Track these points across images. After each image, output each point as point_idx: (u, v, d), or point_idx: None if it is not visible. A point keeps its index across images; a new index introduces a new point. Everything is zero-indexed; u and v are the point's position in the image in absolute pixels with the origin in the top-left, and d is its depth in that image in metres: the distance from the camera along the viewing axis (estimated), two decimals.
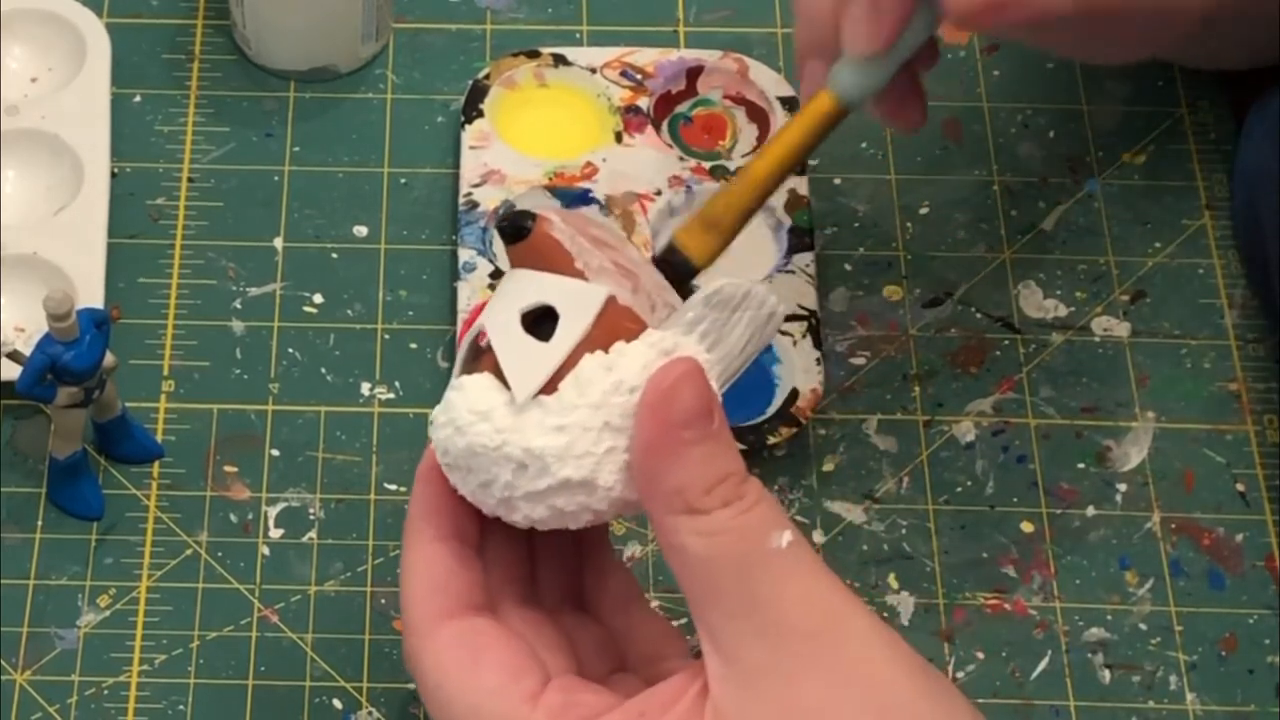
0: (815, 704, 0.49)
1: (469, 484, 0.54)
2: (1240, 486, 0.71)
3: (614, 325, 0.52)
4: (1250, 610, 0.69)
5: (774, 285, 0.73)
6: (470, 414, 0.52)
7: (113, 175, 0.76)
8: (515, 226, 0.54)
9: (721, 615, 0.50)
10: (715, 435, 0.50)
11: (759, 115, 0.78)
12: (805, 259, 0.74)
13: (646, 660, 0.56)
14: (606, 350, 0.52)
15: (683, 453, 0.50)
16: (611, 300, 0.53)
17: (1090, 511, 0.71)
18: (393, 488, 0.71)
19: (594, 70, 0.79)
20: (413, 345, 0.74)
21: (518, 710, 0.51)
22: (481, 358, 0.54)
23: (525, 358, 0.52)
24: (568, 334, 0.52)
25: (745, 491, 0.50)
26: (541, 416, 0.52)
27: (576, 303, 0.52)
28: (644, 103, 0.78)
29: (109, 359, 0.66)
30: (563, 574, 0.57)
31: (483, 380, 0.53)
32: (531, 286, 0.53)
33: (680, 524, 0.50)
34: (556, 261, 0.53)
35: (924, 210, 0.77)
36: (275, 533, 0.70)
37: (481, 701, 0.52)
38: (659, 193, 0.76)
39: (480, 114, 0.77)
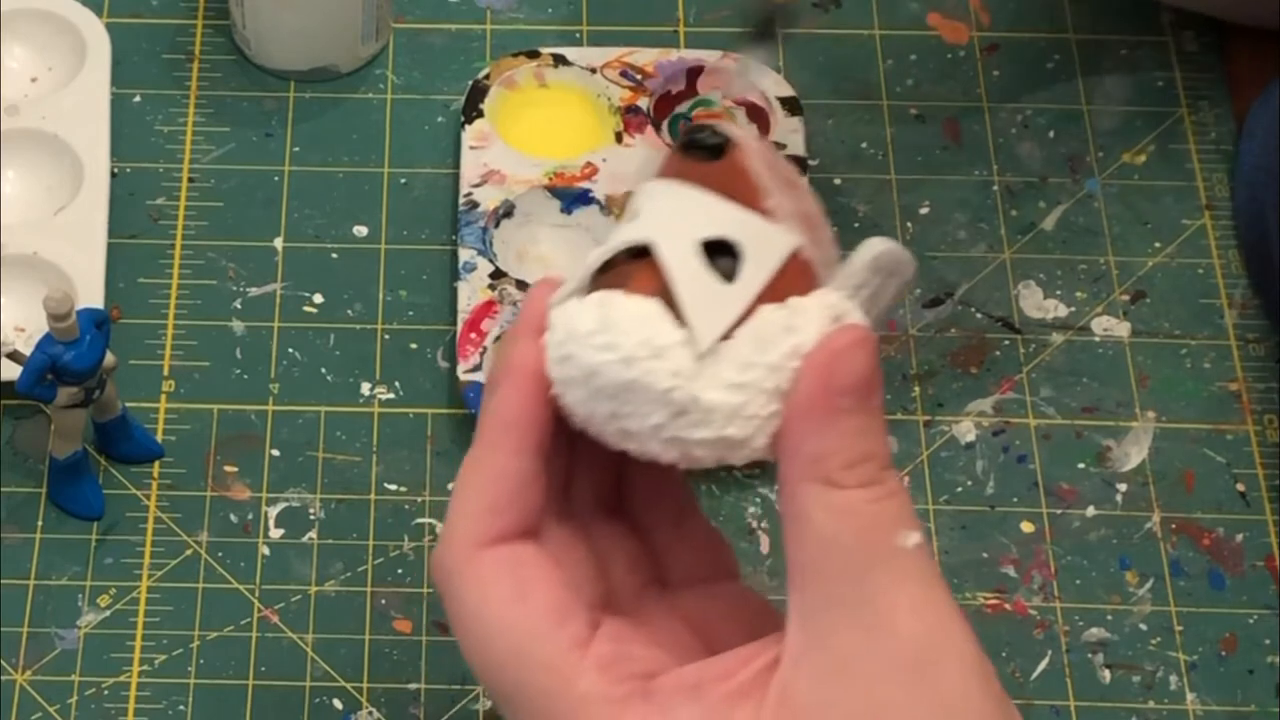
0: (895, 716, 0.46)
1: (595, 408, 0.49)
2: (1240, 486, 0.71)
3: (792, 277, 0.49)
4: (1250, 610, 0.69)
5: None
6: (643, 346, 0.48)
7: (113, 175, 0.76)
8: (715, 145, 0.50)
9: (824, 598, 0.47)
10: (871, 412, 0.48)
11: (759, 115, 0.78)
12: None
13: (691, 578, 0.53)
14: (782, 302, 0.48)
15: (836, 420, 0.47)
16: (796, 250, 0.49)
17: (1090, 511, 0.71)
18: (393, 488, 0.71)
19: (594, 70, 0.79)
20: (413, 345, 0.74)
21: (566, 659, 0.48)
22: (634, 274, 0.49)
23: (709, 299, 0.48)
24: (753, 279, 0.48)
25: (885, 479, 0.48)
26: (720, 369, 0.48)
27: (764, 246, 0.48)
28: (644, 103, 0.78)
29: (109, 359, 0.66)
30: (599, 480, 0.54)
31: (650, 307, 0.48)
32: (715, 214, 0.49)
33: (812, 493, 0.47)
34: (744, 192, 0.49)
35: (924, 210, 0.77)
36: (275, 533, 0.70)
37: (527, 646, 0.49)
38: None
39: (480, 114, 0.77)
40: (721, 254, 0.48)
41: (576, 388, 0.49)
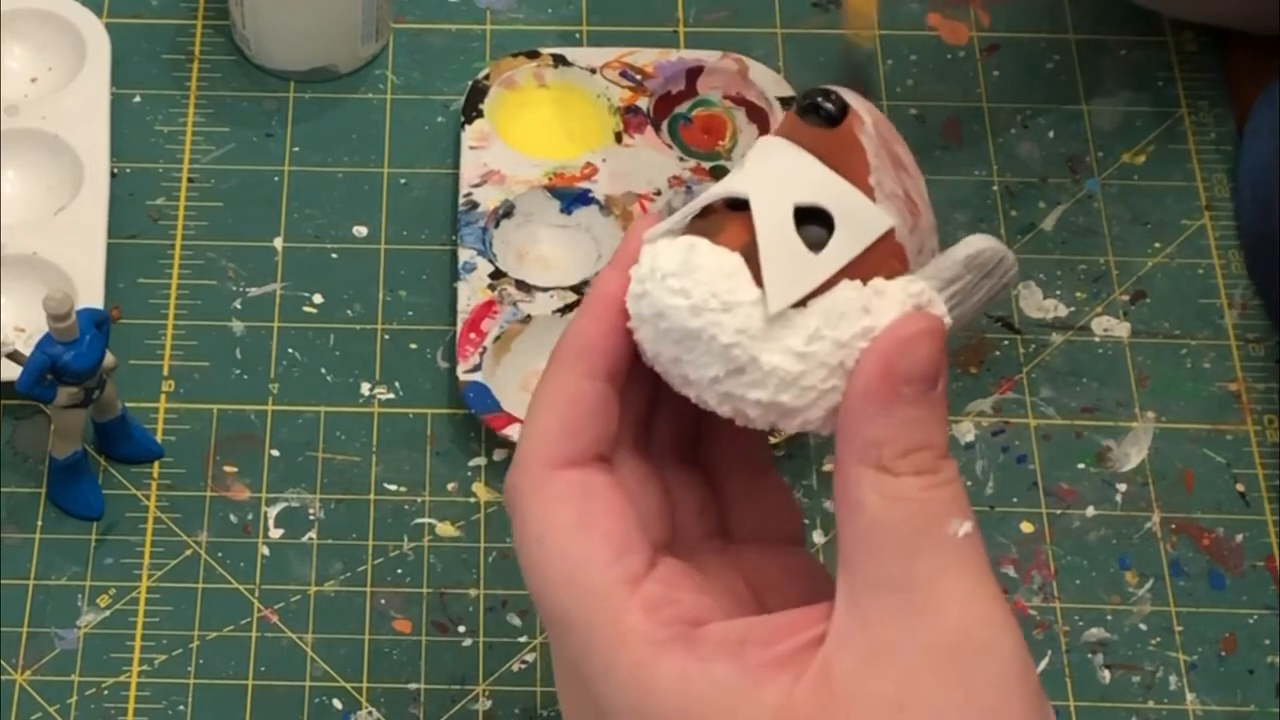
0: (930, 704, 0.46)
1: (661, 349, 0.50)
2: (1240, 486, 0.71)
3: (880, 259, 0.49)
4: (1250, 610, 0.69)
5: None
6: (714, 299, 0.48)
7: (113, 175, 0.76)
8: (831, 113, 0.49)
9: (873, 582, 0.47)
10: (932, 402, 0.48)
11: (759, 115, 0.78)
12: None
13: (756, 536, 0.53)
14: (865, 281, 0.48)
15: (894, 408, 0.47)
16: (890, 232, 0.49)
17: (1090, 511, 0.71)
18: (393, 488, 0.71)
19: (594, 70, 0.79)
20: (413, 345, 0.74)
21: (615, 592, 0.48)
22: (726, 225, 0.49)
23: (791, 264, 0.48)
24: (839, 253, 0.48)
25: (940, 468, 0.48)
26: (786, 335, 0.48)
27: (858, 222, 0.48)
28: (644, 103, 0.78)
29: (109, 359, 0.66)
30: (680, 423, 0.54)
31: (731, 262, 0.48)
32: (815, 181, 0.49)
33: (865, 476, 0.47)
34: (851, 165, 0.49)
35: None
36: (275, 533, 0.70)
37: (581, 574, 0.49)
38: (659, 193, 0.76)
39: (480, 114, 0.77)
40: (814, 222, 0.48)
41: (647, 325, 0.50)
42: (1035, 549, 0.70)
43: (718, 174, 0.76)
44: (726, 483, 0.54)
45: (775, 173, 0.49)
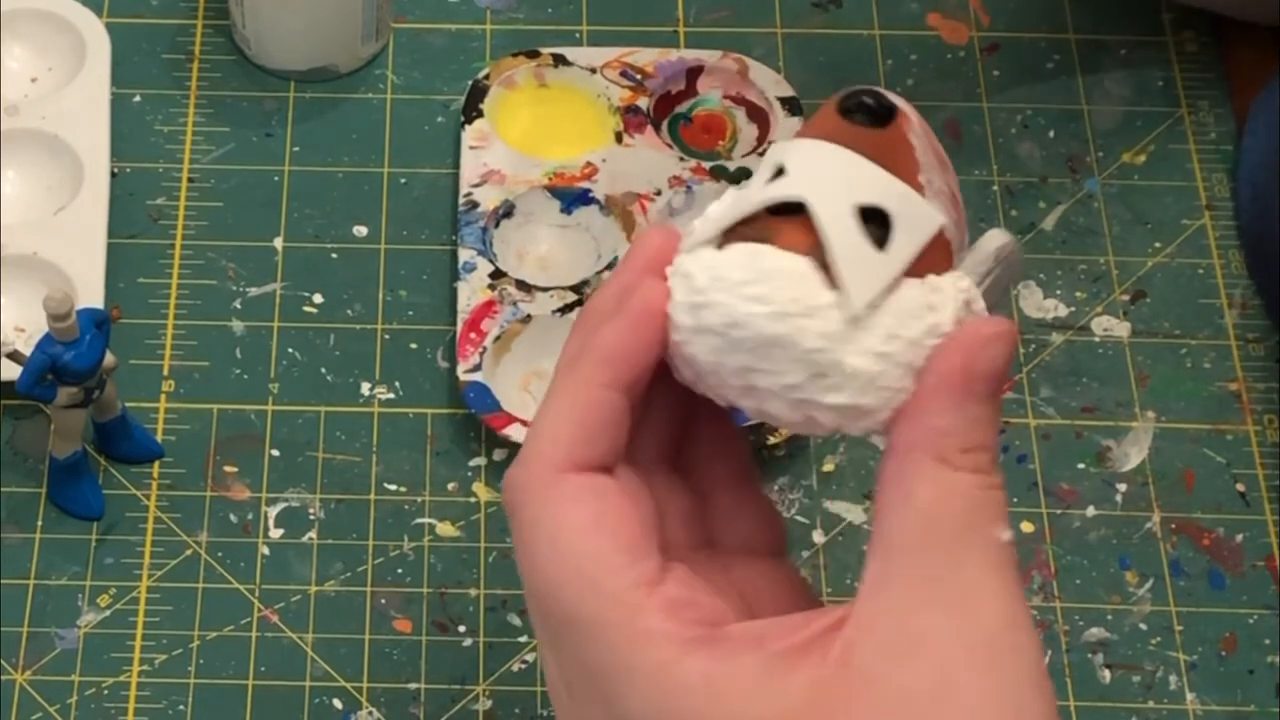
0: (964, 697, 0.46)
1: (726, 359, 0.48)
2: (1240, 486, 0.71)
3: (933, 256, 0.49)
4: (1250, 610, 0.69)
5: None
6: (795, 303, 0.47)
7: (113, 175, 0.76)
8: (882, 112, 0.49)
9: (911, 570, 0.47)
10: (997, 406, 0.49)
11: (759, 115, 0.78)
12: None
13: (741, 547, 0.53)
14: (920, 278, 0.48)
15: (967, 403, 0.48)
16: (941, 228, 0.49)
17: (1090, 511, 0.71)
18: (392, 488, 0.71)
19: (594, 70, 0.79)
20: (413, 345, 0.74)
21: (633, 594, 0.48)
22: (783, 230, 0.48)
23: (863, 263, 0.48)
24: (902, 251, 0.48)
25: (993, 471, 0.48)
26: (863, 337, 0.48)
27: (915, 220, 0.48)
28: (644, 103, 0.78)
29: (109, 359, 0.66)
30: (667, 431, 0.54)
31: (801, 265, 0.48)
32: (874, 181, 0.49)
33: (924, 467, 0.48)
34: (902, 164, 0.49)
35: None
36: (275, 533, 0.70)
37: (597, 576, 0.49)
38: (659, 193, 0.76)
39: (480, 114, 0.77)
40: (872, 222, 0.48)
41: (709, 336, 0.49)
42: (1035, 549, 0.70)
43: (718, 174, 0.76)
44: (710, 494, 0.54)
45: (829, 175, 0.49)
